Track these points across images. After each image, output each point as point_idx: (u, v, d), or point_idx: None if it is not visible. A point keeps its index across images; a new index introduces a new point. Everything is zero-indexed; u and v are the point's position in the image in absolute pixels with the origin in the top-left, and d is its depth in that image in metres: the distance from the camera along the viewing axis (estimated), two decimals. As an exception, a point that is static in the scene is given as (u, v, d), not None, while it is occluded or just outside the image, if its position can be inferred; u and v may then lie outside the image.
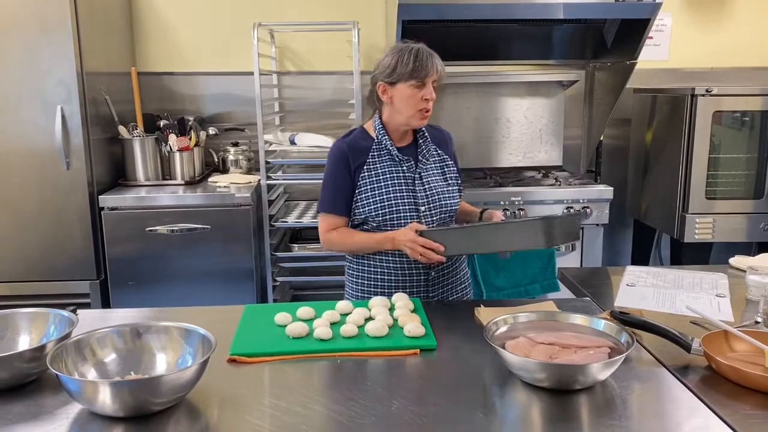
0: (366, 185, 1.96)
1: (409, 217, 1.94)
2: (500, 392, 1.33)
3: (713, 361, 1.37)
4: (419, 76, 1.87)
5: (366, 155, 1.98)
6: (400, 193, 1.95)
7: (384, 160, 1.98)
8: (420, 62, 1.87)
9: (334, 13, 3.43)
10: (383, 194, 1.95)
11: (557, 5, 2.88)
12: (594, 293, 1.92)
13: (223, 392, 1.32)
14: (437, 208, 1.98)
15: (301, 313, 1.68)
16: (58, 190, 2.82)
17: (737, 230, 3.09)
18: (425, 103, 1.90)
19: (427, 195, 1.97)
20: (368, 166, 1.97)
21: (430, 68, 1.87)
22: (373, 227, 1.97)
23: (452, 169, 2.07)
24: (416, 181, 1.97)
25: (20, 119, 2.76)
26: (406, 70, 1.87)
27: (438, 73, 1.90)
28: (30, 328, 1.48)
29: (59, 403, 1.26)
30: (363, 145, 1.99)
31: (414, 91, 1.89)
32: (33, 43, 2.71)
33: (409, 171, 1.98)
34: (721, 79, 3.61)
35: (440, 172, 2.03)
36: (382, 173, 1.96)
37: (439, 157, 2.05)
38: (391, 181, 1.96)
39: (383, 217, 1.94)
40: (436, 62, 1.89)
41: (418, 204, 1.95)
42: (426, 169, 2.00)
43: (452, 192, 2.03)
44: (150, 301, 2.86)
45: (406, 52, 1.89)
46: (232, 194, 2.95)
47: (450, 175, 2.05)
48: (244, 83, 3.39)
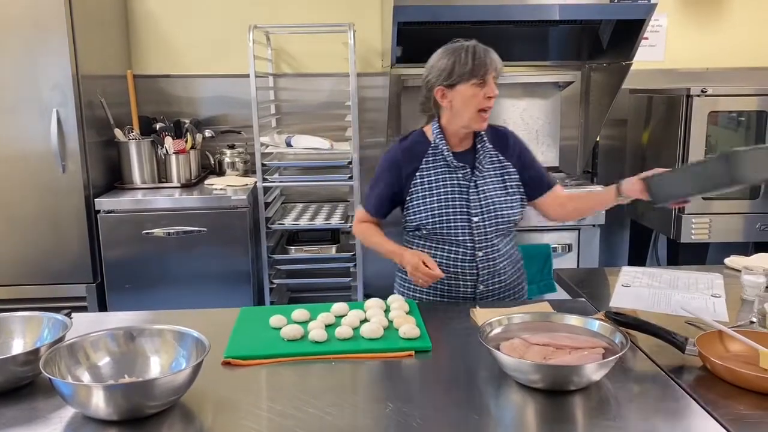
0: (418, 192, 1.92)
1: (460, 227, 1.89)
2: (495, 393, 1.33)
3: (708, 362, 1.37)
4: (480, 73, 1.80)
5: (420, 161, 1.93)
6: (453, 202, 1.89)
7: (439, 165, 1.92)
8: (479, 59, 1.80)
9: (330, 15, 3.43)
10: (435, 202, 1.90)
11: (553, 6, 2.88)
12: (590, 294, 1.92)
13: (217, 395, 1.32)
14: (491, 219, 1.90)
15: (296, 315, 1.68)
16: (54, 194, 2.82)
17: (734, 230, 3.09)
18: (488, 102, 1.83)
19: (482, 205, 1.90)
20: (421, 173, 1.92)
21: (489, 64, 1.80)
22: (424, 234, 1.95)
23: (514, 176, 1.96)
24: (470, 189, 1.90)
25: (16, 123, 2.75)
26: (465, 70, 1.80)
27: (497, 69, 1.83)
28: (24, 332, 1.48)
29: (53, 407, 1.26)
30: (418, 150, 1.95)
31: (476, 91, 1.81)
32: (28, 46, 2.70)
33: (464, 179, 1.90)
34: (716, 79, 3.61)
35: (500, 180, 1.94)
36: (435, 180, 1.91)
37: (500, 163, 1.95)
38: (443, 189, 1.90)
39: (434, 225, 1.90)
40: (493, 57, 1.83)
41: (471, 214, 1.89)
42: (483, 177, 1.92)
43: (512, 202, 1.94)
44: (147, 304, 2.85)
45: (462, 51, 1.82)
46: (228, 197, 2.95)
47: (511, 183, 1.95)
48: (240, 85, 3.39)
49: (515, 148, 1.99)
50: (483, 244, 1.91)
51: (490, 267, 1.94)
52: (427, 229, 1.92)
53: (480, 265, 1.92)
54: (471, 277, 1.93)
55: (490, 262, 1.93)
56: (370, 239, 2.02)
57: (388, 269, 3.76)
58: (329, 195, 3.63)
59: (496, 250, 1.94)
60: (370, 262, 3.57)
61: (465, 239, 1.90)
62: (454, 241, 1.90)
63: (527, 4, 2.89)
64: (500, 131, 2.01)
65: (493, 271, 1.95)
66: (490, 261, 1.93)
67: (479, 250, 1.91)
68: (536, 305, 1.79)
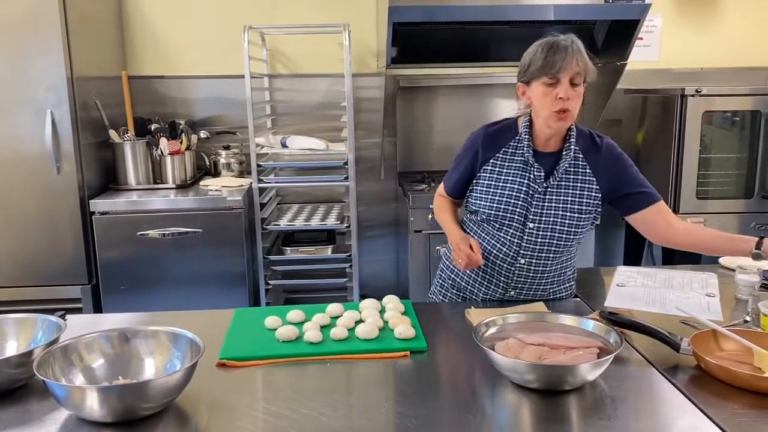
0: (485, 178, 1.85)
1: (513, 227, 1.81)
2: (490, 394, 1.33)
3: (702, 361, 1.37)
4: (550, 72, 1.67)
5: (499, 149, 1.84)
6: (515, 200, 1.80)
7: (516, 159, 1.82)
8: (550, 56, 1.67)
9: (325, 16, 3.43)
10: (497, 193, 1.82)
11: (547, 7, 2.89)
12: (585, 294, 1.93)
13: (212, 396, 1.31)
14: (546, 231, 1.79)
15: (291, 316, 1.68)
16: (48, 195, 2.81)
17: (728, 229, 3.08)
18: (560, 103, 1.68)
19: (542, 213, 1.78)
20: (495, 161, 1.84)
21: (560, 63, 1.65)
22: (480, 220, 1.88)
23: (595, 195, 1.79)
24: (537, 194, 1.78)
25: (10, 124, 2.75)
26: (536, 67, 1.69)
27: (576, 69, 1.67)
28: (17, 334, 1.48)
29: (47, 409, 1.25)
30: (502, 138, 1.85)
31: (547, 90, 1.69)
32: (23, 47, 2.69)
33: (534, 181, 1.79)
34: (710, 79, 3.62)
35: (576, 194, 1.79)
36: (506, 173, 1.82)
37: (582, 176, 1.79)
38: (510, 184, 1.81)
39: (487, 216, 1.83)
40: (572, 57, 1.66)
41: (527, 219, 1.79)
42: (556, 186, 1.79)
43: (580, 221, 1.80)
44: (142, 305, 2.85)
45: (541, 46, 1.71)
46: (223, 197, 2.94)
47: (588, 200, 1.79)
48: (235, 86, 3.39)
49: (608, 159, 1.82)
50: (529, 252, 1.81)
51: (529, 278, 1.86)
52: (482, 218, 1.86)
53: (518, 272, 1.85)
54: (505, 279, 1.87)
55: (530, 273, 1.85)
56: (439, 214, 2.01)
57: (384, 270, 3.78)
58: (325, 196, 3.63)
59: (542, 263, 1.83)
60: (366, 263, 3.57)
61: (513, 241, 1.82)
62: (502, 238, 1.83)
63: (522, 4, 2.90)
64: (595, 139, 1.84)
65: (531, 282, 1.87)
66: (531, 272, 1.84)
67: (523, 257, 1.82)
68: (531, 305, 1.79)
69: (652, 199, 1.82)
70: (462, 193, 1.96)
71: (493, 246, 1.85)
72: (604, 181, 1.81)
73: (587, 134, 1.85)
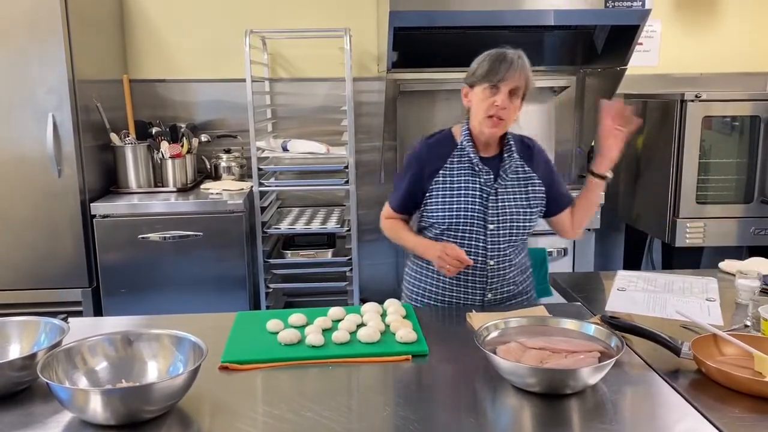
0: (438, 190, 1.91)
1: (475, 231, 1.88)
2: (492, 397, 1.33)
3: (703, 365, 1.38)
4: (493, 79, 1.80)
5: (445, 160, 1.92)
6: (471, 206, 1.88)
7: (463, 167, 1.91)
8: (496, 65, 1.80)
9: (326, 20, 3.44)
10: (453, 203, 1.89)
11: (547, 12, 2.90)
12: (585, 298, 1.93)
13: (215, 399, 1.32)
14: (507, 229, 1.89)
15: (292, 320, 1.68)
16: (49, 198, 2.81)
17: (728, 234, 3.11)
18: (495, 110, 1.81)
19: (499, 213, 1.88)
20: (444, 171, 1.91)
21: (503, 73, 1.79)
22: (436, 234, 1.93)
23: (539, 188, 1.94)
24: (491, 196, 1.88)
25: (11, 127, 2.75)
26: (481, 72, 1.82)
27: (516, 83, 1.80)
28: (21, 337, 1.48)
29: (50, 412, 1.26)
30: (443, 150, 1.94)
31: (487, 96, 1.82)
32: (24, 50, 2.70)
33: (486, 184, 1.89)
34: (710, 84, 3.63)
35: (523, 191, 1.92)
36: (457, 181, 1.90)
37: (525, 174, 1.94)
38: (464, 191, 1.89)
39: (448, 226, 1.89)
40: (516, 71, 1.80)
41: (487, 221, 1.88)
42: (505, 186, 1.90)
43: (532, 215, 1.93)
44: (142, 308, 2.85)
45: (490, 54, 1.84)
46: (224, 201, 2.95)
47: (534, 195, 1.93)
48: (236, 90, 3.39)
49: (539, 159, 1.98)
50: (495, 252, 1.90)
51: (500, 276, 1.94)
52: (441, 229, 1.91)
53: (490, 273, 1.92)
54: (480, 284, 1.93)
55: (500, 271, 1.93)
56: (396, 234, 2.03)
57: (384, 274, 3.78)
58: (325, 199, 3.64)
59: (508, 260, 1.93)
60: (366, 266, 3.57)
61: (478, 245, 1.89)
62: (467, 246, 1.89)
63: (522, 9, 2.91)
64: (525, 141, 2.00)
65: (503, 280, 1.94)
66: (500, 270, 1.93)
67: (491, 258, 1.90)
68: (532, 309, 1.80)
69: (570, 201, 2.03)
70: (409, 210, 2.02)
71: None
72: (540, 176, 1.96)
73: (518, 138, 2.00)
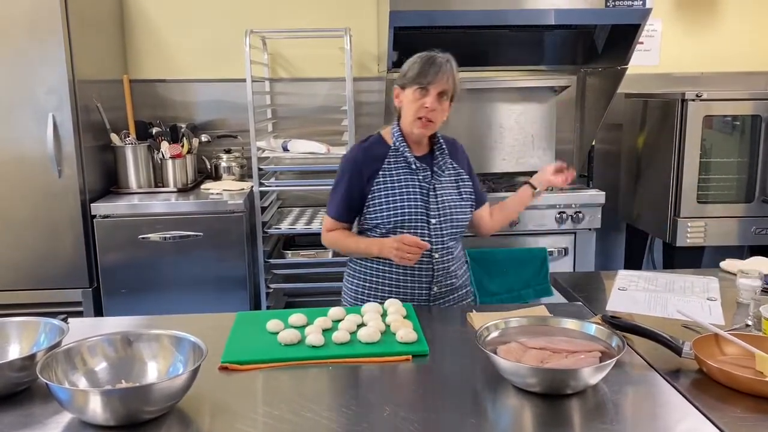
0: (380, 191, 1.95)
1: (419, 227, 1.93)
2: (492, 397, 1.33)
3: (704, 365, 1.37)
4: (422, 81, 1.86)
5: (381, 162, 1.97)
6: (414, 203, 1.94)
7: (400, 167, 1.97)
8: (425, 68, 1.86)
9: (326, 20, 3.44)
10: (396, 202, 1.93)
11: (548, 11, 2.90)
12: (586, 298, 1.93)
13: (214, 400, 1.31)
14: (448, 222, 1.96)
15: (293, 320, 1.68)
16: (49, 198, 2.81)
17: (729, 234, 3.10)
18: (425, 111, 1.88)
19: (439, 208, 1.95)
20: (383, 173, 1.96)
21: (433, 76, 1.85)
22: (382, 234, 1.96)
23: (467, 182, 2.04)
24: (430, 192, 1.95)
25: (12, 127, 2.75)
26: (412, 74, 1.88)
27: (444, 86, 1.87)
28: (20, 337, 1.48)
29: (50, 413, 1.25)
30: (378, 152, 1.99)
31: (416, 97, 1.88)
32: (24, 51, 2.70)
33: (424, 181, 1.96)
34: (711, 83, 3.63)
35: (455, 185, 2.02)
36: (398, 180, 1.95)
37: (455, 170, 2.03)
38: (405, 189, 1.94)
39: (394, 225, 1.93)
40: (444, 74, 1.87)
41: (429, 216, 1.94)
42: (441, 182, 1.98)
43: (464, 207, 2.01)
44: (143, 309, 2.85)
45: (420, 57, 1.90)
46: (224, 201, 2.94)
47: (464, 189, 2.03)
48: (236, 90, 3.39)
49: (462, 157, 2.09)
50: (439, 246, 1.96)
51: (445, 269, 1.99)
52: (386, 228, 1.95)
53: (436, 267, 1.96)
54: (427, 278, 1.97)
55: (445, 264, 1.98)
56: (344, 242, 2.02)
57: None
58: (326, 199, 3.58)
59: (450, 253, 1.99)
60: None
61: (423, 240, 1.91)
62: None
63: (523, 8, 2.90)
64: (449, 140, 2.08)
65: (447, 273, 1.99)
66: (445, 263, 1.98)
67: (435, 251, 1.95)
68: (533, 309, 1.79)
69: (485, 198, 2.16)
70: (350, 216, 2.03)
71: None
72: (466, 171, 2.06)
73: (443, 137, 2.07)
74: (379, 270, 2.00)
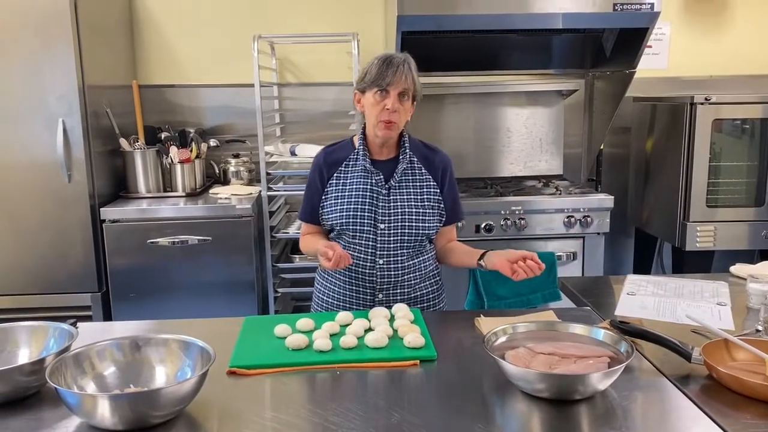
0: (332, 192, 1.97)
1: (366, 231, 1.92)
2: (500, 403, 1.33)
3: (714, 371, 1.36)
4: (380, 84, 1.84)
5: (341, 164, 1.98)
6: (362, 206, 1.92)
7: (357, 170, 1.96)
8: (383, 70, 1.84)
9: (334, 25, 3.45)
10: (345, 204, 1.94)
11: (556, 15, 2.89)
12: (595, 302, 1.92)
13: (222, 404, 1.32)
14: (398, 229, 1.92)
15: (300, 324, 1.68)
16: (59, 203, 2.83)
17: (739, 238, 3.08)
18: (386, 114, 1.86)
19: (390, 213, 1.92)
20: (339, 175, 1.97)
21: (391, 78, 1.83)
22: (336, 235, 1.99)
23: (434, 192, 1.97)
24: (381, 196, 1.93)
25: (22, 132, 2.77)
26: (369, 78, 1.87)
27: (403, 86, 1.84)
28: (29, 342, 1.48)
29: (59, 417, 1.26)
30: (341, 155, 2.00)
31: (377, 100, 1.86)
32: (35, 57, 2.72)
33: (376, 185, 1.93)
34: (720, 87, 3.61)
35: (417, 193, 1.96)
36: (350, 183, 1.95)
37: (421, 177, 1.97)
38: (355, 193, 1.94)
39: (342, 227, 1.94)
40: (403, 74, 1.83)
41: (377, 220, 1.92)
42: (398, 187, 1.95)
43: (426, 216, 1.95)
44: (151, 313, 2.86)
45: (378, 59, 1.88)
46: (233, 206, 2.96)
47: (429, 197, 1.96)
48: (244, 95, 3.41)
49: (440, 167, 2.00)
50: (385, 252, 1.93)
51: (391, 277, 1.95)
52: (337, 231, 1.97)
53: (379, 273, 1.95)
54: (370, 283, 1.96)
55: (391, 272, 1.95)
56: (311, 247, 1.99)
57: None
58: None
59: (400, 261, 1.95)
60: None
61: (368, 244, 1.93)
62: (358, 245, 1.94)
63: (530, 13, 2.90)
64: (430, 148, 2.04)
65: (395, 282, 1.96)
66: (391, 271, 1.95)
67: (380, 257, 1.93)
68: (541, 314, 1.79)
69: (457, 218, 2.06)
70: (315, 218, 2.03)
71: (352, 253, 1.92)
72: (438, 181, 1.99)
73: (419, 143, 2.03)
74: (330, 274, 2.02)
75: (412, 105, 1.93)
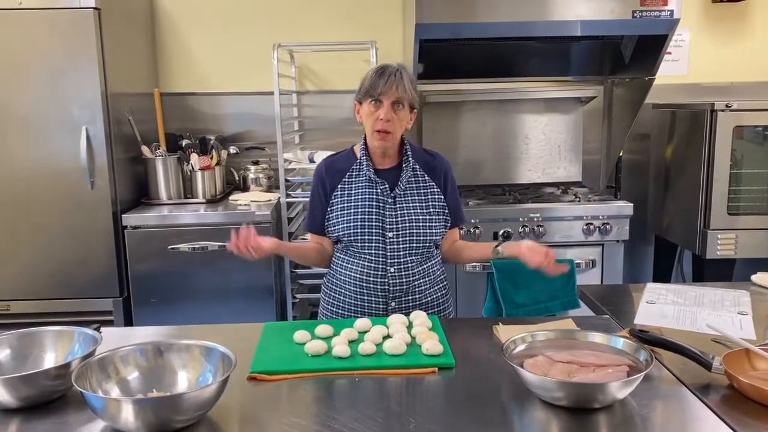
0: (338, 203, 1.97)
1: (375, 240, 1.93)
2: (519, 411, 1.33)
3: (734, 380, 1.35)
4: (373, 94, 1.86)
5: (344, 175, 1.99)
6: (369, 216, 1.93)
7: (361, 180, 1.97)
8: (376, 80, 1.86)
9: (353, 33, 3.47)
10: (352, 215, 1.94)
11: (574, 22, 2.89)
12: (613, 311, 1.91)
13: (243, 410, 1.33)
14: (406, 236, 1.93)
15: (319, 331, 1.70)
16: (82, 209, 2.88)
17: (760, 246, 3.04)
18: (381, 123, 1.87)
19: (397, 222, 1.93)
20: (343, 185, 1.98)
21: (383, 87, 1.84)
22: (343, 247, 2.00)
23: (438, 198, 1.99)
24: (387, 205, 1.94)
25: (46, 140, 2.82)
26: (364, 89, 1.89)
27: (396, 95, 1.85)
28: (55, 346, 1.51)
29: (83, 420, 1.28)
30: (343, 165, 2.01)
31: (372, 110, 1.88)
32: (60, 67, 2.78)
33: (382, 194, 1.94)
34: (741, 93, 3.58)
35: (422, 200, 1.97)
36: (355, 194, 1.96)
37: (425, 184, 1.99)
38: (362, 203, 1.94)
39: (350, 237, 1.94)
40: (394, 84, 1.85)
41: (385, 229, 1.93)
42: (403, 195, 1.96)
43: (432, 221, 1.96)
44: (172, 318, 2.89)
45: (372, 70, 1.90)
46: (252, 212, 2.98)
47: (434, 203, 1.98)
48: (264, 103, 3.44)
49: (440, 171, 2.02)
50: (396, 260, 1.94)
51: (403, 284, 1.96)
52: (344, 241, 1.97)
53: (391, 281, 1.95)
54: (382, 292, 1.96)
55: (402, 279, 1.95)
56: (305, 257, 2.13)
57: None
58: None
59: (410, 268, 1.96)
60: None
61: (378, 254, 1.93)
62: (367, 255, 1.94)
63: (549, 20, 2.90)
64: (430, 154, 2.06)
65: (406, 289, 1.97)
66: (402, 278, 1.95)
67: (391, 266, 1.94)
68: (560, 322, 1.79)
69: (461, 220, 2.08)
70: (319, 228, 2.04)
71: (362, 263, 1.94)
72: (440, 189, 2.01)
73: (419, 150, 2.05)
74: (340, 283, 2.02)
75: (410, 114, 1.94)
